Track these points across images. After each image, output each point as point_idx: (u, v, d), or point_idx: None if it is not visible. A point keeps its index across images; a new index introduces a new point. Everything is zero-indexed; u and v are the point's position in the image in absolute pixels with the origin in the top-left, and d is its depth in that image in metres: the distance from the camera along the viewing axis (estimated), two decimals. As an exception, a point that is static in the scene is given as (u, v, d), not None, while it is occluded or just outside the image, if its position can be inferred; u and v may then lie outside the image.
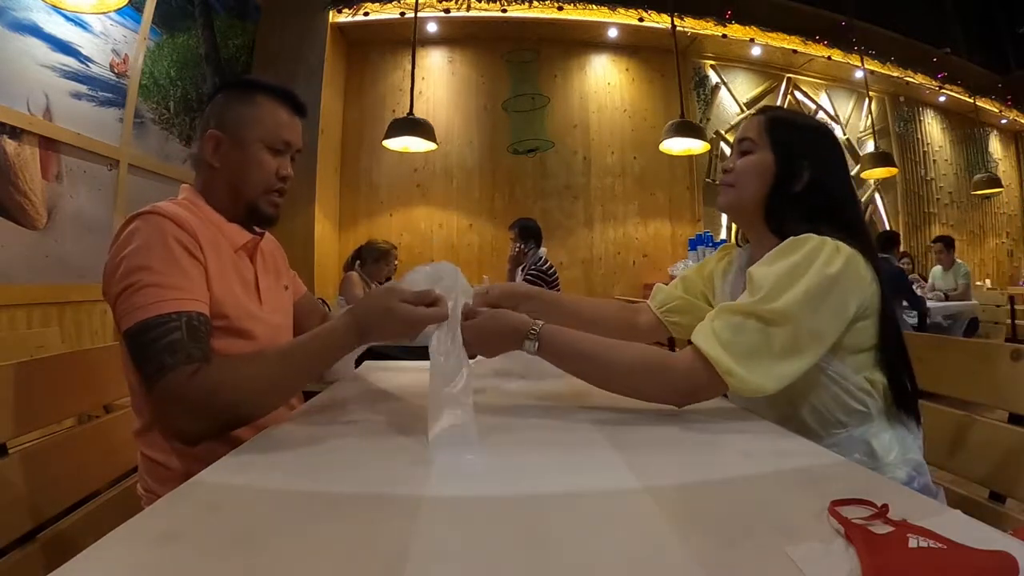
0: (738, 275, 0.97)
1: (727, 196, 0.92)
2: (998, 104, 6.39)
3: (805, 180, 0.84)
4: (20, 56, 2.29)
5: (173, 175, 3.19)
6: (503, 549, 0.40)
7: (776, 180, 0.86)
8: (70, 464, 0.85)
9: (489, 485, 0.53)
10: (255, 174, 0.91)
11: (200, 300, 0.77)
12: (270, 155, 0.92)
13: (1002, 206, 6.63)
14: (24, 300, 2.28)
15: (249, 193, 0.92)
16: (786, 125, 0.89)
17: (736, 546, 0.40)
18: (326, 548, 0.40)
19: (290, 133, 0.94)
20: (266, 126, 0.91)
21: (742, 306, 0.73)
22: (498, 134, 4.89)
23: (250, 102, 0.92)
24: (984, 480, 0.84)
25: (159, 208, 0.80)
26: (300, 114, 0.97)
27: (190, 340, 0.72)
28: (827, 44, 5.27)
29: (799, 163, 0.85)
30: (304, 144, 1.00)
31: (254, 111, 0.92)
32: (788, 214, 0.84)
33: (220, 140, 0.90)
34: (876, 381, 0.80)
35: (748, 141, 0.89)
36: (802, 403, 0.81)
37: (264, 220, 0.95)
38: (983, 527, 0.42)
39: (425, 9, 4.34)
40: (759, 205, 0.88)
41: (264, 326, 0.91)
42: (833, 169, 0.87)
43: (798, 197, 0.84)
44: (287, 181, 0.96)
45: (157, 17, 3.09)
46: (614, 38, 4.97)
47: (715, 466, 0.58)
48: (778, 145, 0.87)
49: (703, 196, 5.10)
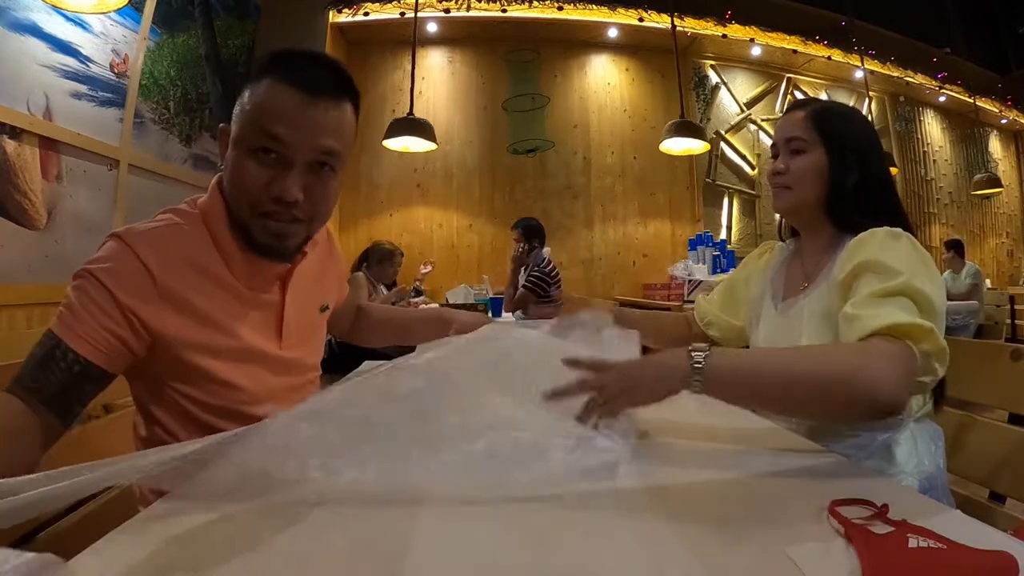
0: (781, 269, 0.97)
1: (786, 199, 0.90)
2: (998, 104, 6.39)
3: (856, 173, 0.85)
4: (20, 56, 2.29)
5: (173, 175, 3.19)
6: (503, 549, 0.40)
7: (832, 177, 0.86)
8: (70, 464, 0.85)
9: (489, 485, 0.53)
10: (235, 187, 0.67)
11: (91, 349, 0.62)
12: (252, 161, 0.64)
13: (1002, 206, 6.63)
14: (24, 300, 2.27)
15: (236, 212, 0.69)
16: (831, 118, 0.89)
17: (736, 546, 0.40)
18: (326, 549, 0.40)
19: (286, 125, 0.63)
20: (249, 115, 0.65)
21: (892, 288, 0.67)
22: (498, 134, 4.89)
23: (256, 79, 0.66)
24: (984, 480, 0.84)
25: (133, 230, 0.67)
26: (320, 95, 0.64)
27: (38, 368, 0.60)
28: (827, 44, 5.27)
29: (850, 156, 0.85)
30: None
31: (253, 92, 0.66)
32: (849, 209, 0.84)
33: (226, 132, 0.70)
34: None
35: (798, 140, 0.88)
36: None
37: (261, 251, 0.70)
38: (983, 527, 0.42)
39: (425, 9, 4.34)
40: (820, 204, 0.87)
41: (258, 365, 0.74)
42: (879, 158, 0.88)
43: (854, 190, 0.84)
44: (283, 203, 0.65)
45: (157, 17, 3.09)
46: (614, 38, 4.97)
47: (715, 466, 0.58)
48: (828, 141, 0.86)
49: (703, 196, 5.10)
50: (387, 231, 4.62)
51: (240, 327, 0.72)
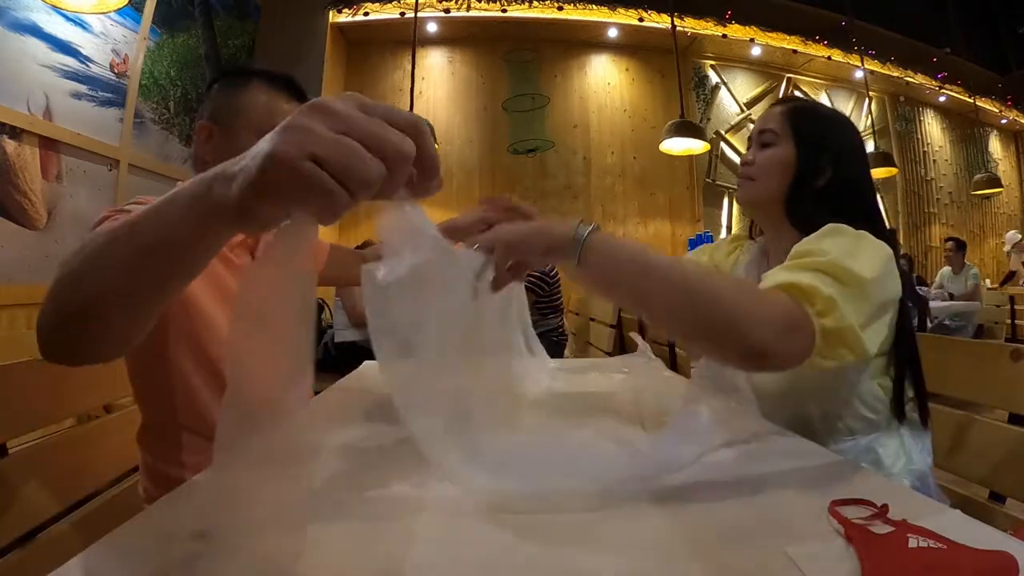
0: (749, 267, 0.94)
1: (747, 190, 0.87)
2: (998, 104, 6.39)
3: (829, 174, 0.81)
4: (20, 56, 2.29)
5: (173, 175, 3.19)
6: (503, 549, 0.40)
7: (798, 173, 0.82)
8: (70, 464, 0.85)
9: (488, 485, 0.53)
10: None
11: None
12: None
13: (1002, 206, 6.63)
14: (24, 300, 2.27)
15: None
16: (809, 116, 0.86)
17: (736, 546, 0.40)
18: (326, 548, 0.40)
19: (283, 115, 0.81)
20: (259, 113, 0.84)
21: (811, 262, 0.62)
22: (498, 134, 4.89)
23: (243, 89, 0.86)
24: (984, 480, 0.84)
25: (140, 199, 0.74)
26: (299, 99, 0.89)
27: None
28: (827, 44, 5.27)
29: (823, 156, 0.81)
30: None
31: (246, 98, 0.85)
32: (811, 209, 0.80)
33: (211, 131, 0.85)
34: (888, 388, 0.79)
35: (769, 133, 0.85)
36: (814, 406, 0.80)
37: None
38: (983, 527, 0.42)
39: (425, 9, 4.34)
40: (780, 199, 0.84)
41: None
42: (856, 162, 0.84)
43: (821, 191, 0.81)
44: None
45: (157, 17, 3.09)
46: (614, 38, 4.97)
47: (715, 466, 0.58)
48: (801, 137, 0.83)
49: (703, 196, 5.10)
50: (387, 231, 4.61)
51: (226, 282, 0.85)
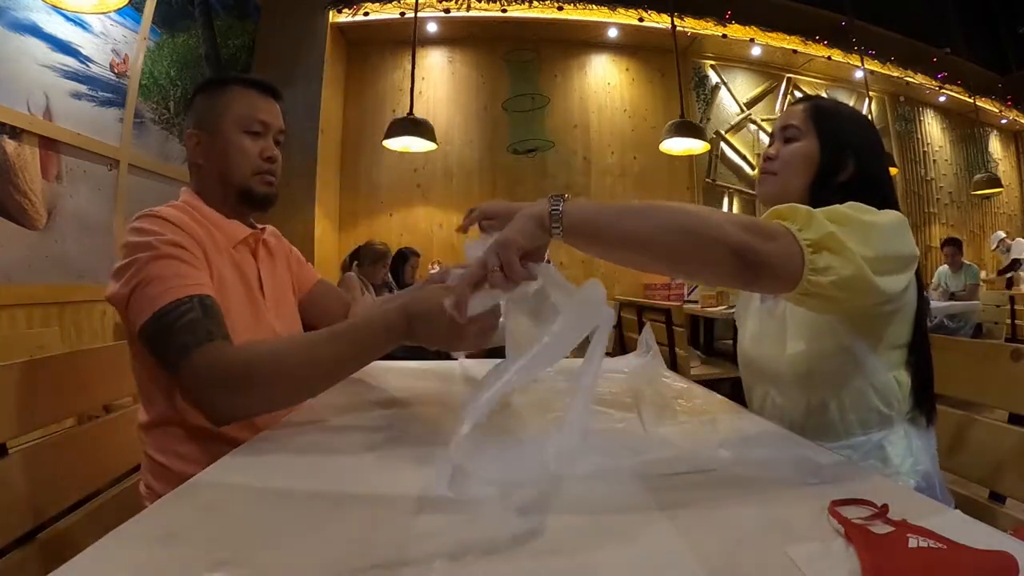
0: None
1: (770, 185, 0.87)
2: (998, 104, 6.39)
3: (850, 170, 0.82)
4: (20, 56, 2.29)
5: (173, 175, 3.19)
6: (502, 549, 0.40)
7: (821, 168, 0.83)
8: (70, 464, 0.85)
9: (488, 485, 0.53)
10: (237, 158, 0.92)
11: (207, 286, 0.77)
12: (248, 138, 0.92)
13: (1002, 206, 6.63)
14: (24, 300, 2.27)
15: (237, 179, 0.92)
16: (831, 113, 0.87)
17: (736, 546, 0.40)
18: (326, 548, 0.40)
19: (265, 114, 0.93)
20: (239, 109, 0.92)
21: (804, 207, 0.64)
22: (498, 134, 4.89)
23: (220, 93, 0.93)
24: (984, 480, 0.84)
25: (159, 211, 0.83)
26: (274, 97, 0.97)
27: (207, 318, 0.72)
28: (827, 44, 5.27)
29: (845, 152, 0.83)
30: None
31: (225, 99, 0.92)
32: (833, 203, 0.78)
33: (199, 137, 0.92)
34: (903, 383, 0.79)
35: (793, 128, 0.86)
36: (831, 395, 0.79)
37: (260, 201, 0.94)
38: (983, 527, 0.42)
39: (425, 9, 4.33)
40: (803, 195, 0.84)
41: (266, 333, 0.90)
42: (877, 158, 0.85)
43: (843, 186, 0.82)
44: (274, 162, 0.95)
45: (157, 17, 3.09)
46: (614, 38, 4.97)
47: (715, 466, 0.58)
48: (823, 133, 0.84)
49: (703, 196, 5.10)
50: (387, 231, 4.61)
51: (239, 288, 0.90)
